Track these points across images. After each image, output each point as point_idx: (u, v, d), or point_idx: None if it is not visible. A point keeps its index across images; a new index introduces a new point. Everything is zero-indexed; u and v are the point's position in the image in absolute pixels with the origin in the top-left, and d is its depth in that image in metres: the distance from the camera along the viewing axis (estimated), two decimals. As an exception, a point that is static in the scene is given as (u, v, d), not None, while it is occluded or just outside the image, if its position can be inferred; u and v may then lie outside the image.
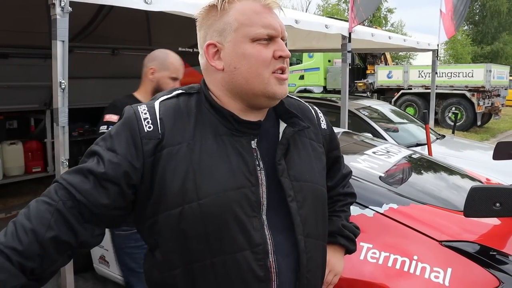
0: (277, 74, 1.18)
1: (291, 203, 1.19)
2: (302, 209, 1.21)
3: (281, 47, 1.18)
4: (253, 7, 1.17)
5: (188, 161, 1.13)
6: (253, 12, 1.17)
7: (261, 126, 1.22)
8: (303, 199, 1.22)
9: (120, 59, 6.27)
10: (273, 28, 1.17)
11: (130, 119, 1.16)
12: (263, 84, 1.17)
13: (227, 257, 1.12)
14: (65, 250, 1.09)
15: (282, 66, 1.18)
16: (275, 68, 1.17)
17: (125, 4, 2.83)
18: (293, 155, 1.24)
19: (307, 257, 1.21)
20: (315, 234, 1.25)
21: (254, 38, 1.16)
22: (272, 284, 1.16)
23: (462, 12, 7.60)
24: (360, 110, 5.96)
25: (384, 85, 15.50)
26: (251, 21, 1.16)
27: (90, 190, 1.09)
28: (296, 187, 1.21)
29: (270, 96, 1.19)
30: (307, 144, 1.30)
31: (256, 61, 1.16)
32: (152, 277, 1.23)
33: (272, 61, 1.17)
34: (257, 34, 1.16)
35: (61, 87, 2.55)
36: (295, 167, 1.23)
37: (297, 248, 1.19)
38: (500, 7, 38.35)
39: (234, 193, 1.13)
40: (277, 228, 1.18)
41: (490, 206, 2.09)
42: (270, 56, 1.17)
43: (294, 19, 4.21)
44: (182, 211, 1.11)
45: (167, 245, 1.16)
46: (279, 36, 1.19)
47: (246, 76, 1.17)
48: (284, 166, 1.20)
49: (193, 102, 1.22)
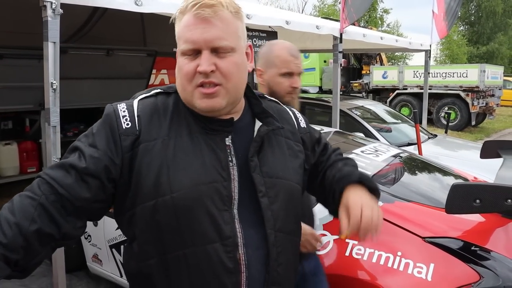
0: (200, 88, 1.18)
1: (261, 198, 1.23)
2: (274, 205, 1.25)
3: (203, 61, 1.16)
4: (188, 19, 1.18)
5: (162, 157, 1.18)
6: (185, 25, 1.18)
7: (234, 124, 1.26)
8: (275, 195, 1.26)
9: (115, 60, 6.30)
10: (192, 42, 1.17)
11: (110, 116, 1.22)
12: (189, 97, 1.21)
13: (198, 248, 1.17)
14: (49, 242, 1.14)
15: (203, 81, 1.17)
16: (198, 82, 1.18)
17: (115, 6, 2.87)
18: (267, 152, 1.29)
19: (277, 251, 1.25)
20: (286, 229, 1.29)
21: (181, 52, 1.20)
22: (242, 276, 1.20)
23: (455, 10, 7.66)
24: (353, 110, 6.01)
25: (379, 85, 15.57)
26: (181, 35, 1.20)
27: (72, 184, 1.14)
28: (268, 183, 1.25)
29: (199, 109, 1.22)
30: (282, 143, 1.34)
31: (180, 74, 1.21)
32: (129, 268, 1.29)
33: (196, 75, 1.18)
34: (181, 49, 1.20)
35: (52, 88, 2.59)
36: (269, 164, 1.27)
37: (267, 242, 1.23)
38: (495, 7, 38.47)
39: (206, 187, 1.18)
40: (248, 222, 1.22)
41: (470, 203, 2.14)
42: (192, 70, 1.18)
43: (284, 20, 4.26)
44: (156, 203, 1.17)
45: (143, 236, 1.22)
46: (204, 49, 1.17)
47: (179, 86, 1.24)
48: (257, 162, 1.25)
49: (171, 101, 1.27)
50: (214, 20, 1.17)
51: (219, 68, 1.18)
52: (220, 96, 1.20)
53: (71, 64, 5.89)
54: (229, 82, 1.20)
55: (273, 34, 4.59)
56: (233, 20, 1.22)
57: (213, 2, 1.17)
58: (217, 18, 1.17)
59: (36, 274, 4.00)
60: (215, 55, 1.18)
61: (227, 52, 1.19)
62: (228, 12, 1.20)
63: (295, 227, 1.36)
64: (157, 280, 1.21)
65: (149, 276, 1.22)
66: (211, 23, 1.17)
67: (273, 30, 4.59)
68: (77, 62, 5.98)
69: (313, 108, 6.32)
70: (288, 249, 1.30)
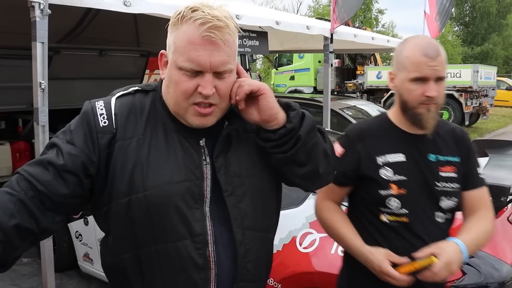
0: (198, 107, 1.19)
1: (227, 197, 1.25)
2: (241, 203, 1.27)
3: (205, 84, 1.16)
4: (192, 35, 1.15)
5: (137, 155, 1.21)
6: (188, 41, 1.16)
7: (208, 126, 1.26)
8: (242, 193, 1.28)
9: (108, 60, 6.31)
10: (198, 64, 1.15)
11: (88, 114, 1.24)
12: (183, 111, 1.22)
13: (169, 245, 1.20)
14: (28, 237, 1.16)
15: (201, 101, 1.18)
16: (195, 101, 1.18)
17: (104, 6, 2.89)
18: (235, 151, 1.30)
19: (245, 249, 1.27)
20: (256, 226, 1.31)
21: (180, 67, 1.17)
22: (211, 272, 1.23)
23: (448, 9, 7.68)
24: (344, 109, 6.05)
25: (373, 85, 15.58)
26: (182, 50, 1.17)
27: (50, 181, 1.16)
28: (236, 182, 1.27)
29: (189, 124, 1.22)
30: (252, 141, 1.32)
31: (177, 89, 1.20)
32: (105, 261, 1.33)
33: (195, 94, 1.18)
34: (181, 65, 1.17)
35: (41, 88, 2.61)
36: (236, 163, 1.29)
37: (234, 240, 1.25)
38: (489, 8, 38.69)
39: (178, 186, 1.20)
40: (218, 219, 1.25)
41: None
42: (191, 89, 1.17)
43: (275, 21, 4.28)
44: (129, 200, 1.20)
45: (117, 231, 1.25)
46: (207, 72, 1.16)
47: (172, 97, 1.23)
48: (222, 163, 1.26)
49: (149, 100, 1.29)
50: (221, 44, 1.16)
51: (218, 90, 1.19)
52: (213, 115, 1.21)
53: (64, 65, 5.90)
54: (223, 102, 1.22)
55: (263, 34, 4.62)
56: (234, 41, 1.22)
57: (221, 24, 1.15)
58: (224, 41, 1.16)
59: (27, 273, 4.03)
60: (216, 76, 1.18)
61: (227, 74, 1.20)
62: (232, 35, 1.20)
63: (266, 224, 1.36)
64: (131, 274, 1.25)
65: (123, 269, 1.26)
66: (219, 47, 1.16)
67: (264, 31, 4.61)
68: (70, 62, 5.98)
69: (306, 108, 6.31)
70: (257, 246, 1.31)
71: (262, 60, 30.91)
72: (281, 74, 18.06)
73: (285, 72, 17.84)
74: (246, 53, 5.14)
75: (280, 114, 1.25)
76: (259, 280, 1.37)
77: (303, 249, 2.40)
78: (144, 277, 1.24)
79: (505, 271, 2.19)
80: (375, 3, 34.95)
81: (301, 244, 2.42)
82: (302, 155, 1.26)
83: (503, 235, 2.47)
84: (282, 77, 17.96)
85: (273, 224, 1.42)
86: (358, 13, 31.82)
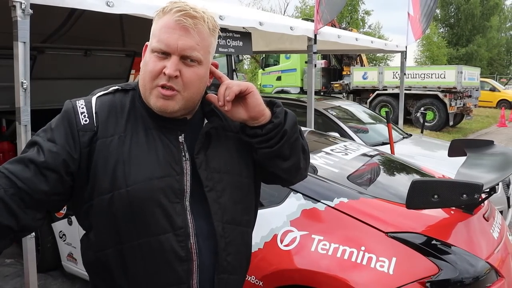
0: (159, 88, 1.23)
1: (208, 193, 1.30)
2: (221, 198, 1.32)
3: (170, 65, 1.21)
4: (168, 20, 1.23)
5: (119, 152, 1.25)
6: (164, 25, 1.23)
7: (187, 123, 1.33)
8: (222, 189, 1.33)
9: (93, 60, 6.28)
10: (166, 45, 1.21)
11: (69, 112, 1.27)
12: (147, 93, 1.27)
13: (151, 239, 1.24)
14: (8, 234, 1.18)
15: (164, 83, 1.22)
16: (160, 83, 1.23)
17: (86, 6, 2.90)
18: (215, 148, 1.35)
19: (226, 242, 1.32)
20: (236, 221, 1.36)
21: (152, 49, 1.24)
22: (193, 264, 1.28)
23: (432, 10, 7.78)
24: (329, 110, 6.09)
25: (359, 86, 15.72)
26: (157, 33, 1.24)
27: (31, 178, 1.18)
28: (216, 178, 1.32)
29: (154, 108, 1.26)
30: (231, 139, 1.39)
31: (145, 70, 1.26)
32: (87, 258, 1.35)
33: (160, 76, 1.23)
34: (152, 46, 1.24)
35: (23, 87, 2.61)
36: (216, 159, 1.34)
37: (215, 233, 1.30)
38: (473, 10, 39.21)
39: (159, 181, 1.25)
40: (199, 213, 1.30)
41: (429, 198, 2.23)
42: (158, 70, 1.22)
43: (258, 21, 4.31)
44: (112, 196, 1.23)
45: (100, 227, 1.28)
46: (174, 54, 1.22)
47: (141, 80, 1.29)
48: (202, 159, 1.31)
49: (128, 98, 1.33)
50: (192, 31, 1.22)
51: (182, 75, 1.23)
52: (175, 100, 1.25)
53: (49, 64, 5.86)
54: (186, 90, 1.25)
55: (247, 35, 4.65)
56: (208, 36, 1.27)
57: (197, 14, 1.23)
58: (195, 30, 1.22)
59: (10, 274, 4.01)
60: (183, 62, 1.23)
61: (194, 63, 1.24)
62: (206, 28, 1.25)
63: (246, 219, 1.42)
64: (114, 268, 1.28)
65: (106, 264, 1.29)
66: (189, 33, 1.22)
67: (247, 31, 4.64)
68: (55, 62, 5.95)
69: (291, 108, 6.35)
70: (237, 240, 1.37)
71: (249, 61, 30.92)
72: (268, 74, 18.10)
73: (272, 72, 17.89)
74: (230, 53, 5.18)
75: (266, 110, 1.33)
76: (239, 273, 1.42)
77: (284, 246, 2.43)
78: (127, 271, 1.27)
79: (480, 267, 2.24)
80: (362, 4, 35.20)
81: (282, 242, 2.45)
82: (286, 149, 1.35)
83: (479, 232, 2.53)
84: (269, 77, 18.01)
85: (252, 219, 1.47)
86: (345, 14, 32.05)
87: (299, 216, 2.49)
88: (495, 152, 3.14)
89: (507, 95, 23.01)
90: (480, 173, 2.66)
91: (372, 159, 3.43)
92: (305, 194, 2.54)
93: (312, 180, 2.61)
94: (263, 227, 2.46)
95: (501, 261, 2.41)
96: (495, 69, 43.74)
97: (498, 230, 2.67)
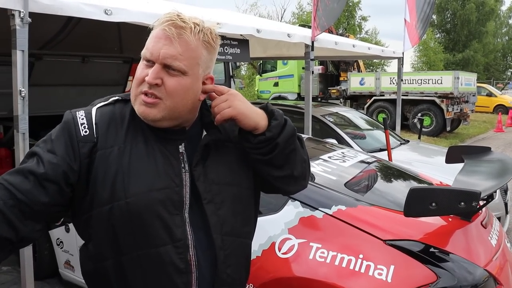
0: (142, 95, 1.24)
1: (206, 205, 1.30)
2: (220, 210, 1.32)
3: (152, 74, 1.22)
4: (157, 31, 1.25)
5: (118, 163, 1.24)
6: (153, 35, 1.25)
7: (186, 133, 1.32)
8: (221, 201, 1.32)
9: (91, 67, 6.29)
10: (150, 53, 1.23)
11: (69, 123, 1.27)
12: (133, 99, 1.28)
13: (151, 250, 1.24)
14: (6, 246, 1.18)
15: (146, 90, 1.23)
16: (143, 90, 1.24)
17: (85, 15, 2.91)
18: (214, 160, 1.34)
19: (225, 254, 1.32)
20: (235, 232, 1.36)
21: (142, 57, 1.26)
22: (192, 276, 1.27)
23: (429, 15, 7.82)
24: (326, 116, 6.11)
25: (357, 91, 15.75)
26: (147, 42, 1.26)
27: (31, 189, 1.18)
28: (214, 190, 1.32)
29: (137, 113, 1.27)
30: (231, 150, 1.39)
31: (135, 77, 1.28)
32: (86, 269, 1.35)
33: (143, 83, 1.24)
34: (142, 53, 1.26)
35: (21, 95, 2.62)
36: (215, 171, 1.33)
37: (214, 245, 1.30)
38: (469, 16, 39.41)
39: (158, 193, 1.24)
40: (198, 225, 1.29)
41: (427, 206, 2.23)
42: (142, 77, 1.24)
43: (255, 29, 4.32)
44: (111, 208, 1.23)
45: (99, 238, 1.28)
46: (157, 62, 1.22)
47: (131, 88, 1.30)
48: (201, 171, 1.31)
49: (128, 109, 1.32)
50: (174, 41, 1.22)
51: (164, 84, 1.23)
52: (157, 108, 1.24)
53: (46, 71, 5.86)
54: (169, 99, 1.24)
55: (244, 42, 4.66)
56: (196, 47, 1.25)
57: (183, 24, 1.23)
58: (178, 40, 1.22)
59: (6, 282, 3.99)
60: (166, 71, 1.23)
61: (177, 73, 1.23)
62: (193, 38, 1.23)
63: (246, 230, 1.42)
64: (113, 280, 1.27)
65: (105, 276, 1.28)
66: (171, 43, 1.22)
67: (245, 39, 4.66)
68: (52, 69, 5.95)
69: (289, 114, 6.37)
70: (236, 251, 1.36)
71: (246, 67, 30.96)
72: (265, 80, 18.14)
73: (269, 78, 17.92)
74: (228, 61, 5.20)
75: (261, 123, 1.31)
76: (239, 285, 1.42)
77: (282, 254, 2.43)
78: (126, 283, 1.26)
79: (478, 274, 2.24)
80: (359, 10, 35.29)
81: (280, 250, 2.44)
82: (279, 159, 1.34)
83: (477, 239, 2.53)
84: (266, 83, 18.04)
85: (251, 230, 1.47)
86: (342, 20, 32.11)
87: (297, 224, 2.49)
88: (493, 159, 3.15)
89: (504, 100, 23.12)
90: (477, 180, 2.67)
91: (370, 166, 3.44)
92: (303, 201, 2.54)
93: (310, 187, 2.61)
94: (261, 235, 2.45)
95: (499, 269, 2.41)
96: (492, 74, 43.95)
97: (496, 237, 2.67)
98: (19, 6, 2.57)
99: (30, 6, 2.60)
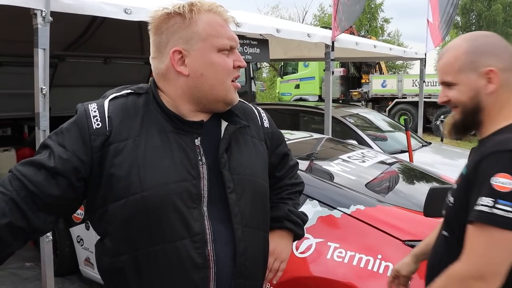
0: (234, 82, 1.32)
1: (229, 194, 1.28)
2: (241, 200, 1.30)
3: (239, 58, 1.32)
4: (218, 20, 1.30)
5: (133, 156, 1.22)
6: (219, 25, 1.29)
7: (203, 126, 1.31)
8: (242, 191, 1.31)
9: (112, 68, 6.39)
10: (235, 40, 1.31)
11: (81, 116, 1.26)
12: (225, 91, 1.29)
13: (167, 245, 1.21)
14: (20, 235, 1.19)
15: (239, 74, 1.33)
16: (234, 76, 1.31)
17: (105, 14, 2.94)
18: (234, 150, 1.34)
19: (245, 246, 1.29)
20: (254, 224, 1.34)
21: (220, 48, 1.28)
22: (210, 271, 1.24)
23: (452, 16, 7.70)
24: (346, 117, 6.06)
25: (378, 94, 15.62)
26: (218, 33, 1.28)
27: (42, 182, 1.18)
28: (236, 180, 1.30)
29: (228, 103, 1.32)
30: (248, 141, 1.39)
31: (222, 69, 1.28)
32: (102, 265, 1.33)
33: (232, 70, 1.30)
34: (223, 45, 1.28)
35: (42, 93, 2.66)
36: (236, 161, 1.32)
37: (234, 237, 1.27)
38: (496, 17, 38.64)
39: (176, 186, 1.22)
40: (217, 218, 1.27)
41: (447, 206, 2.17)
42: (231, 65, 1.30)
43: (275, 28, 4.32)
44: (126, 202, 1.21)
45: (114, 233, 1.26)
46: (237, 47, 1.33)
47: (211, 83, 1.28)
48: (226, 159, 1.30)
49: (142, 102, 1.31)
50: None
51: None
52: None
53: (69, 72, 5.97)
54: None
55: (264, 42, 4.66)
56: None
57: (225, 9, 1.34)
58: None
59: (29, 277, 4.05)
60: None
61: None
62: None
63: (263, 222, 1.41)
64: (129, 276, 1.25)
65: (121, 271, 1.26)
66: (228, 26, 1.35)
67: (264, 38, 4.66)
68: (75, 69, 6.06)
69: (309, 116, 6.40)
70: (255, 243, 1.35)
71: (267, 69, 30.98)
72: (286, 82, 18.12)
73: (290, 80, 17.89)
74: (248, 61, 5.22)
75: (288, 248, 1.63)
76: (256, 279, 1.39)
77: (300, 254, 2.41)
78: (142, 278, 1.24)
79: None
80: (381, 12, 34.98)
81: (297, 249, 2.42)
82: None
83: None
84: (287, 85, 18.02)
85: (268, 223, 1.46)
86: (364, 22, 31.88)
87: (315, 223, 2.46)
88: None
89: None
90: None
91: (391, 167, 3.39)
92: (321, 201, 2.52)
93: (329, 187, 2.59)
94: (278, 234, 2.44)
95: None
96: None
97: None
98: (41, 5, 2.62)
99: (51, 5, 2.65)
